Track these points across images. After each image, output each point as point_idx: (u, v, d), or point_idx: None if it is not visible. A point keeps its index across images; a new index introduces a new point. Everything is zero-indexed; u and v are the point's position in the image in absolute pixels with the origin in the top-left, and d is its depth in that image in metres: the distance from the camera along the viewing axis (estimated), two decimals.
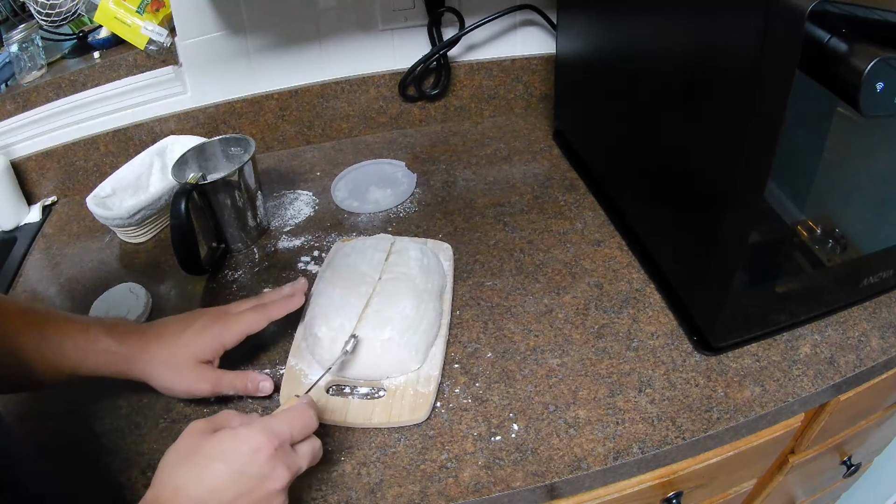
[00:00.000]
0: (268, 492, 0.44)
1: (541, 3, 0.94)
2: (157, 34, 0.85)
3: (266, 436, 0.44)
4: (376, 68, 0.96)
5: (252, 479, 0.43)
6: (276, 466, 0.44)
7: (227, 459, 0.43)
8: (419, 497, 0.51)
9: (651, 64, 0.61)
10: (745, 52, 0.44)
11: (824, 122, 0.50)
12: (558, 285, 0.70)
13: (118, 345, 0.56)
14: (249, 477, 0.43)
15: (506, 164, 0.91)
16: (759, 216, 0.51)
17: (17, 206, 0.90)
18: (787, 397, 0.57)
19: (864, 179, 0.58)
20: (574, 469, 0.52)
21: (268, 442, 0.44)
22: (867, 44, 0.39)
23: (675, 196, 0.62)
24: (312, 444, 0.48)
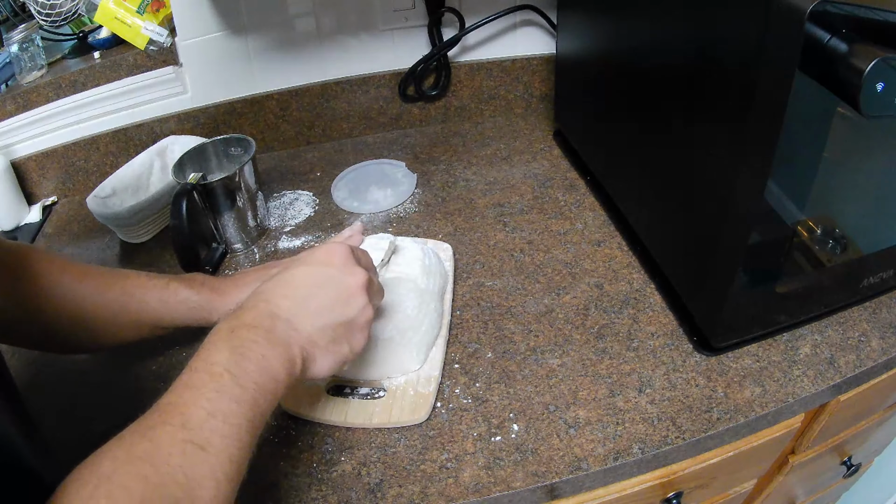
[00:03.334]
0: (352, 285, 0.46)
1: (541, 3, 0.94)
2: (157, 34, 0.85)
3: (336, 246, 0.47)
4: (376, 68, 0.96)
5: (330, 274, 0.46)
6: (353, 266, 0.47)
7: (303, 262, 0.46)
8: (419, 497, 0.51)
9: (651, 64, 0.61)
10: (746, 52, 0.44)
11: (824, 122, 0.50)
12: (558, 285, 0.70)
13: (197, 295, 0.59)
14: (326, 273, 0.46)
15: (506, 164, 0.91)
16: (759, 216, 0.51)
17: (18, 206, 0.90)
18: (787, 397, 0.57)
19: (864, 179, 0.58)
20: (574, 469, 0.52)
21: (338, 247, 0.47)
22: (867, 44, 0.39)
23: (676, 196, 0.62)
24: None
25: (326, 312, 0.45)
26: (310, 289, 0.45)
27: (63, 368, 0.66)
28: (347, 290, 0.46)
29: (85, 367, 0.66)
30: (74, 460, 0.37)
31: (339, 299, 0.46)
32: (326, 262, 0.46)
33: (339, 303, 0.46)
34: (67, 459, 0.55)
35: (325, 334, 0.45)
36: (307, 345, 0.44)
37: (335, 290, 0.46)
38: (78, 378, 0.65)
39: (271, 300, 0.44)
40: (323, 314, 0.45)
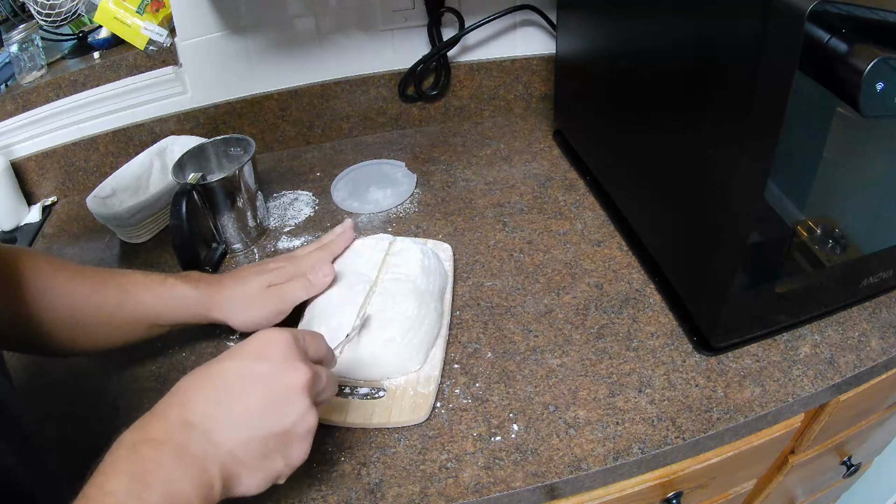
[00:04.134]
0: (290, 385, 0.38)
1: (541, 3, 0.94)
2: (157, 34, 0.85)
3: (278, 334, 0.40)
4: (376, 68, 0.96)
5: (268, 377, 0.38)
6: (293, 363, 0.39)
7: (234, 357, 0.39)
8: (419, 497, 0.51)
9: (651, 64, 0.61)
10: (745, 52, 0.44)
11: (824, 122, 0.50)
12: (558, 285, 0.70)
13: (195, 290, 0.59)
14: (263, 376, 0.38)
15: (506, 164, 0.91)
16: (759, 216, 0.51)
17: (17, 207, 0.90)
18: (787, 397, 0.57)
19: (864, 179, 0.58)
20: (574, 469, 0.52)
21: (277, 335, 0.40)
22: (867, 44, 0.39)
23: (676, 196, 0.62)
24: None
25: (255, 420, 0.37)
26: (236, 391, 0.37)
27: (62, 369, 0.66)
28: (283, 393, 0.38)
29: (84, 367, 0.66)
30: (74, 460, 0.37)
31: (271, 403, 0.37)
32: (259, 355, 0.38)
33: (272, 408, 0.37)
34: (67, 459, 0.55)
35: (251, 448, 0.37)
36: (229, 462, 0.36)
37: (267, 393, 0.37)
38: (77, 378, 0.65)
39: (187, 403, 0.36)
40: (250, 423, 0.37)
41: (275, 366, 0.38)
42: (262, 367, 0.38)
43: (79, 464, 0.56)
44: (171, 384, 0.39)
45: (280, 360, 0.38)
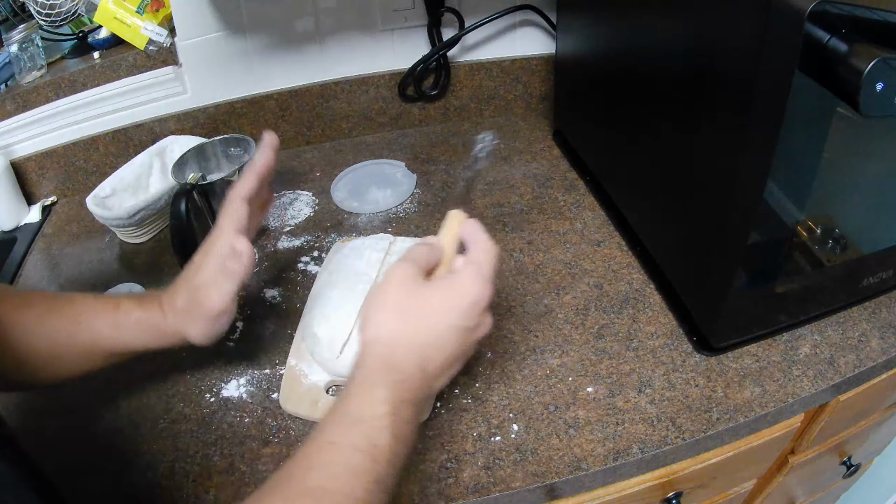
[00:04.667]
0: (476, 339, 0.44)
1: (540, 3, 0.94)
2: (156, 34, 0.85)
3: (484, 287, 0.43)
4: (376, 68, 0.96)
5: (467, 330, 0.43)
6: (486, 314, 0.44)
7: (451, 315, 0.42)
8: (419, 497, 0.51)
9: (651, 64, 0.61)
10: (745, 52, 0.44)
11: (824, 122, 0.50)
12: (558, 285, 0.70)
13: (147, 313, 0.53)
14: (465, 329, 0.43)
15: (506, 164, 0.91)
16: (759, 216, 0.51)
17: (17, 207, 0.90)
18: (787, 397, 0.57)
19: (864, 179, 0.58)
20: (574, 469, 0.52)
21: (485, 293, 0.43)
22: (867, 44, 0.39)
23: (675, 196, 0.62)
24: None
25: (457, 365, 0.45)
26: (443, 348, 0.43)
27: None
28: (472, 346, 0.45)
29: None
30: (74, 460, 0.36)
31: (469, 349, 0.45)
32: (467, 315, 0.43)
33: (469, 351, 0.45)
34: (68, 458, 0.55)
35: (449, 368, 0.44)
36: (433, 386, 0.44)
37: (470, 346, 0.45)
38: (78, 379, 0.65)
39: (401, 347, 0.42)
40: (455, 367, 0.45)
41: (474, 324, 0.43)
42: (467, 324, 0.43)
43: (77, 464, 0.56)
44: (171, 382, 0.40)
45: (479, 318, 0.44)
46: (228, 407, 0.60)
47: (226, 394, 0.61)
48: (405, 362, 0.41)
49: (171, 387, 0.62)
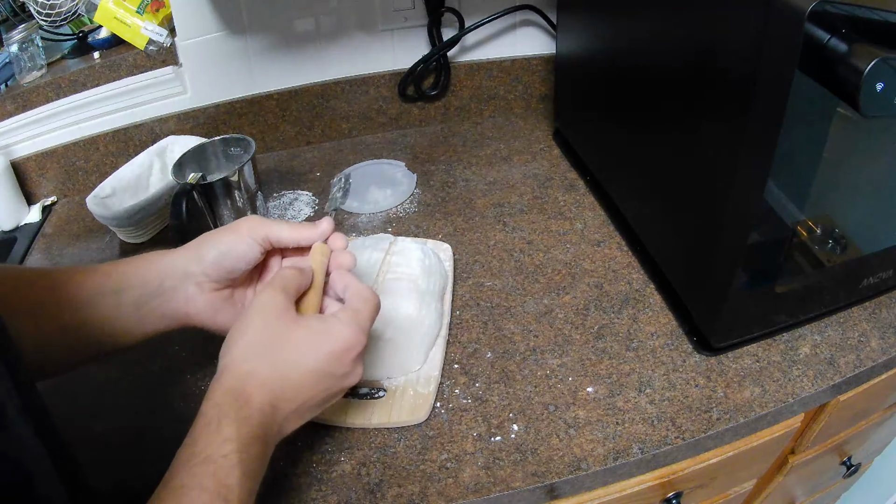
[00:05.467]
0: (342, 388, 0.43)
1: (541, 3, 0.94)
2: (157, 34, 0.85)
3: (359, 335, 0.42)
4: (376, 68, 0.96)
5: (335, 377, 0.42)
6: (357, 364, 0.43)
7: (316, 358, 0.41)
8: (419, 497, 0.51)
9: (651, 64, 0.61)
10: (745, 52, 0.44)
11: (824, 122, 0.50)
12: (558, 285, 0.70)
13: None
14: (331, 375, 0.41)
15: (506, 164, 0.91)
16: (759, 216, 0.51)
17: (17, 206, 0.90)
18: (787, 397, 0.57)
19: (864, 179, 0.58)
20: (574, 469, 0.52)
21: (359, 341, 0.42)
22: (867, 44, 0.39)
23: (675, 196, 0.62)
24: None
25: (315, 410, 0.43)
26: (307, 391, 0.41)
27: None
28: (338, 394, 0.44)
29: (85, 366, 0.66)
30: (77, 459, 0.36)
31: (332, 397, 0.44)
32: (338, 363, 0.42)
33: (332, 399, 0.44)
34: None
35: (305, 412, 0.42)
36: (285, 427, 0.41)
37: (333, 394, 0.43)
38: (78, 378, 0.65)
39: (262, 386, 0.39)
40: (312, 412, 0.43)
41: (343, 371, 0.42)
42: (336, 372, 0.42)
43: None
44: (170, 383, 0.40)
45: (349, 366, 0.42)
46: None
47: None
48: (256, 397, 0.39)
49: (170, 387, 0.62)
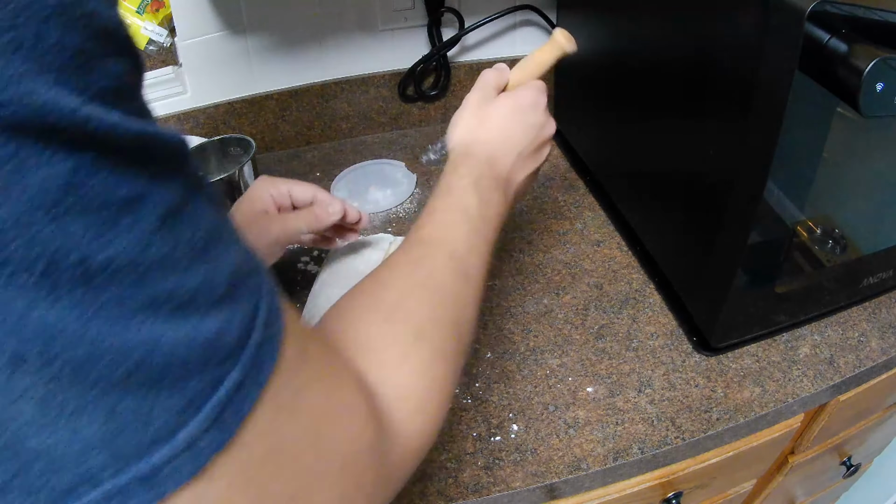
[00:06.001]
0: (545, 136, 0.52)
1: (540, 3, 0.94)
2: (156, 34, 0.85)
3: (540, 93, 0.53)
4: (376, 68, 0.96)
5: (535, 126, 0.51)
6: (548, 116, 0.52)
7: (514, 116, 0.51)
8: (419, 497, 0.51)
9: (651, 64, 0.61)
10: (745, 52, 0.44)
11: (824, 122, 0.50)
12: (558, 286, 0.70)
13: None
14: (533, 126, 0.51)
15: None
16: (759, 216, 0.51)
17: None
18: (787, 398, 0.57)
19: (864, 179, 0.58)
20: (574, 469, 0.52)
21: (542, 97, 0.52)
22: (867, 44, 0.39)
23: (675, 196, 0.62)
24: None
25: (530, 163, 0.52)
26: (517, 140, 0.51)
27: None
28: (543, 144, 0.53)
29: None
30: None
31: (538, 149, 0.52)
32: (532, 113, 0.51)
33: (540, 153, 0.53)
34: None
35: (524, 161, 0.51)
36: (512, 175, 0.50)
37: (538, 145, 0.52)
38: None
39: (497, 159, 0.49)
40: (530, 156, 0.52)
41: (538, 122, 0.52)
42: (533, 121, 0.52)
43: None
44: None
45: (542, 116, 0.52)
46: None
47: None
48: (479, 153, 0.49)
49: None
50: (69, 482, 0.17)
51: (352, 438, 0.25)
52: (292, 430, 0.22)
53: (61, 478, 0.17)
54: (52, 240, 0.15)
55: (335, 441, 0.24)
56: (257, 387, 0.20)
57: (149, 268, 0.17)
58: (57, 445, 0.16)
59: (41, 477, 0.17)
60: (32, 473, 0.17)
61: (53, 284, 0.15)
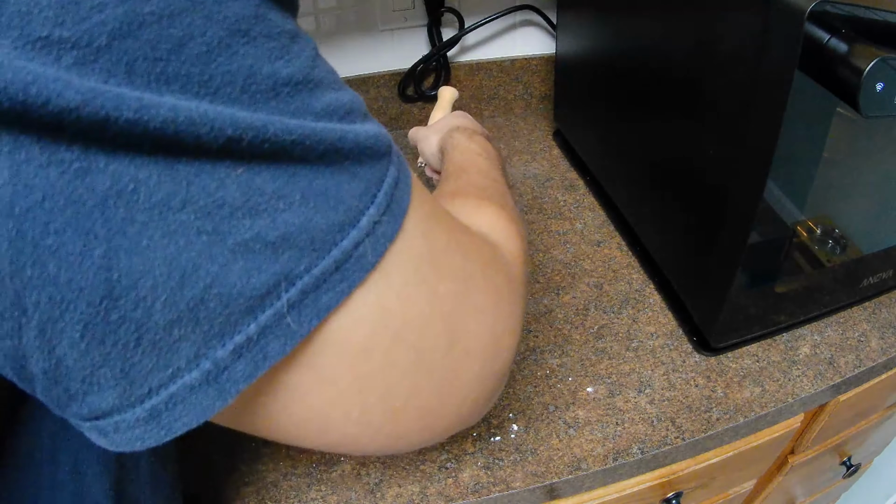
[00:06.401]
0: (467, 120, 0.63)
1: (541, 3, 0.94)
2: None
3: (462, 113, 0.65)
4: (376, 68, 0.96)
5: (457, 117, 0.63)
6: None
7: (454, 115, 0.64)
8: (418, 497, 0.51)
9: (651, 64, 0.61)
10: (745, 52, 0.44)
11: (824, 122, 0.50)
12: (558, 286, 0.70)
13: None
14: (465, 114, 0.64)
15: (506, 164, 0.91)
16: (759, 216, 0.51)
17: None
18: (787, 398, 0.57)
19: (864, 179, 0.58)
20: (574, 469, 0.52)
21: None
22: (867, 44, 0.39)
23: (675, 196, 0.62)
24: None
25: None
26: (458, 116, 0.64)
27: None
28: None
29: None
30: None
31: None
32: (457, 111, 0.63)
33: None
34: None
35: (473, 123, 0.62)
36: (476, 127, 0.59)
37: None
38: None
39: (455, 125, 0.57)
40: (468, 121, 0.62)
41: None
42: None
43: None
44: None
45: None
46: None
47: None
48: (452, 133, 0.55)
49: None
50: (266, 283, 0.18)
51: (480, 245, 0.28)
52: (439, 233, 0.24)
53: (259, 278, 0.18)
54: (247, 58, 0.18)
55: (471, 245, 0.27)
56: (408, 187, 0.23)
57: (317, 84, 0.20)
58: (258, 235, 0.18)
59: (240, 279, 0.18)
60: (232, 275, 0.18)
61: (251, 97, 0.18)
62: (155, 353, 0.18)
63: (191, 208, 0.17)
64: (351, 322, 0.20)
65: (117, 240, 0.16)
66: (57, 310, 0.16)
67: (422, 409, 0.24)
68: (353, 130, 0.20)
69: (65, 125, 0.15)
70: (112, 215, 0.16)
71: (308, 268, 0.19)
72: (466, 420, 0.27)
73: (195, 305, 0.17)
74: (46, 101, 0.14)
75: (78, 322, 0.16)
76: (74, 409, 0.19)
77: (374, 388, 0.22)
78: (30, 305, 0.16)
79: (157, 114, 0.16)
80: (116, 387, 0.18)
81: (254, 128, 0.17)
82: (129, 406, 0.18)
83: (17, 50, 0.14)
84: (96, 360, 0.17)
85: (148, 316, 0.17)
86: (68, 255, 0.16)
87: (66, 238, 0.16)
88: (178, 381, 0.18)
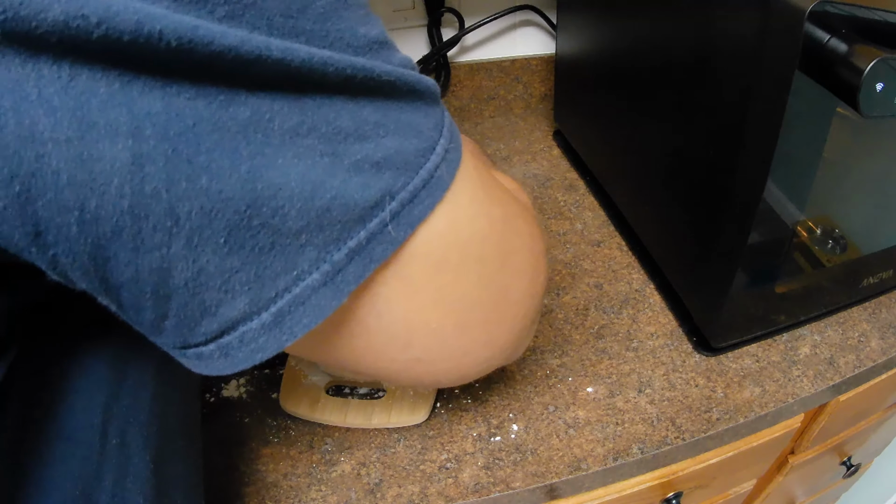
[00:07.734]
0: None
1: (541, 3, 0.94)
2: None
3: None
4: None
5: None
6: None
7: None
8: (419, 497, 0.51)
9: (651, 64, 0.61)
10: (745, 52, 0.44)
11: (824, 122, 0.50)
12: (558, 286, 0.70)
13: None
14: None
15: (506, 165, 0.91)
16: (759, 216, 0.51)
17: None
18: (787, 398, 0.57)
19: (864, 179, 0.58)
20: (574, 469, 0.52)
21: None
22: (867, 44, 0.39)
23: (675, 196, 0.62)
24: None
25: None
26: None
27: None
28: None
29: None
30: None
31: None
32: None
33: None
34: None
35: None
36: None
37: None
38: None
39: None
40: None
41: None
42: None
43: None
44: None
45: None
46: (228, 407, 0.60)
47: (226, 394, 0.61)
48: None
49: None
50: (374, 196, 0.21)
51: (508, 198, 0.30)
52: (482, 168, 0.28)
53: (369, 192, 0.21)
54: (349, 20, 0.21)
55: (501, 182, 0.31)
56: (456, 128, 0.26)
57: (392, 45, 0.24)
58: (367, 156, 0.21)
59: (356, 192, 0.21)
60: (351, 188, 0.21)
61: (355, 50, 0.21)
62: (284, 256, 0.20)
63: (315, 134, 0.20)
64: (432, 235, 0.24)
65: (258, 159, 0.19)
66: (206, 218, 0.19)
67: (485, 322, 0.28)
68: (423, 79, 0.24)
69: (215, 63, 0.18)
70: (253, 139, 0.19)
71: (404, 185, 0.22)
72: (519, 338, 0.30)
73: (322, 213, 0.20)
74: (210, 42, 0.17)
75: (224, 229, 0.19)
76: (203, 328, 0.21)
77: (448, 298, 0.26)
78: (182, 214, 0.18)
79: (297, 55, 0.19)
80: (249, 291, 0.20)
81: (365, 69, 0.21)
82: (255, 313, 0.21)
83: (175, 2, 0.17)
84: (234, 264, 0.20)
85: (283, 222, 0.20)
86: (219, 170, 0.18)
87: (216, 156, 0.18)
88: (300, 283, 0.21)
